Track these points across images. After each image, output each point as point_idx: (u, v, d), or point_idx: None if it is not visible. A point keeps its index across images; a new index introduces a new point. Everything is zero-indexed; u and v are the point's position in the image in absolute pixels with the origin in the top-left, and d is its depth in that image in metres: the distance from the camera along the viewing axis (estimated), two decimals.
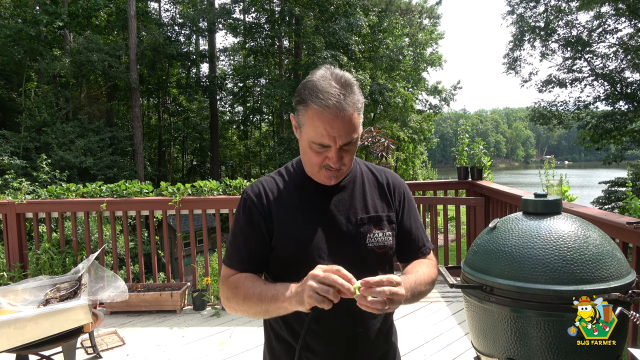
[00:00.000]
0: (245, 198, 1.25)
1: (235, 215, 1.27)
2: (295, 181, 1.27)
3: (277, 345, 1.27)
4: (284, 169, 1.32)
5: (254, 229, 1.22)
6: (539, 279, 1.22)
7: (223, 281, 1.24)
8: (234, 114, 28.58)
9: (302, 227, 1.20)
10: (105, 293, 2.86)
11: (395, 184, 1.35)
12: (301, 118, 1.15)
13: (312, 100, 1.10)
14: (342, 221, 1.22)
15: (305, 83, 1.14)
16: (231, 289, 1.19)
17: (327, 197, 1.24)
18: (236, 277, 1.21)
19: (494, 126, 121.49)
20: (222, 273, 1.26)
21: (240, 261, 1.23)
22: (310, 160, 1.18)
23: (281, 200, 1.23)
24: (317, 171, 1.19)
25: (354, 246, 1.22)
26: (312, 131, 1.12)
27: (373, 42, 22.13)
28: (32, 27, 16.12)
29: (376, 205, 1.28)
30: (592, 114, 18.17)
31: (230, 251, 1.25)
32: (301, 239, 1.19)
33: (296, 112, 1.17)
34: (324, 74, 1.14)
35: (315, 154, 1.15)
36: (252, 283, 1.16)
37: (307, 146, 1.16)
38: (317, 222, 1.21)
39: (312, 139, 1.13)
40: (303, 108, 1.13)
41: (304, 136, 1.15)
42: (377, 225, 1.25)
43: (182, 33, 24.71)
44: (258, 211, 1.22)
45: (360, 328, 1.23)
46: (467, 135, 5.52)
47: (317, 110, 1.09)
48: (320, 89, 1.10)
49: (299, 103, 1.15)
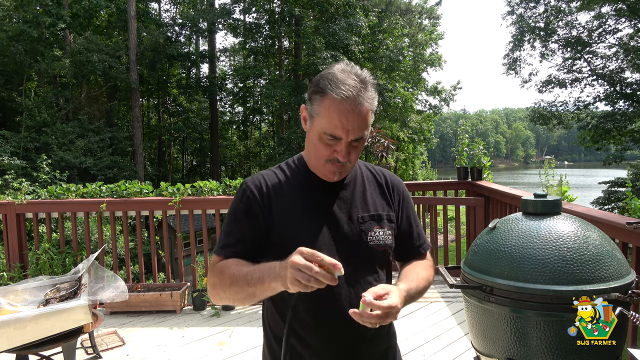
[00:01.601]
0: (245, 189, 1.22)
1: (232, 205, 1.24)
2: (297, 176, 1.25)
3: (278, 347, 1.24)
4: (284, 164, 1.30)
5: (251, 221, 1.19)
6: (538, 279, 1.22)
7: (210, 269, 1.20)
8: (234, 114, 28.59)
9: (302, 223, 1.19)
10: (105, 293, 2.86)
11: (394, 183, 1.36)
12: (316, 108, 1.14)
13: (331, 90, 1.10)
14: (343, 219, 1.22)
15: (324, 74, 1.14)
16: (217, 274, 1.15)
17: (329, 194, 1.23)
18: (222, 263, 1.17)
19: (493, 126, 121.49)
20: (212, 261, 1.22)
21: (230, 247, 1.19)
22: (317, 152, 1.17)
23: (282, 195, 1.21)
24: (322, 165, 1.18)
25: (355, 244, 1.21)
26: (327, 121, 1.12)
27: (373, 43, 22.13)
28: (34, 28, 16.14)
29: (376, 204, 1.28)
30: (592, 114, 18.17)
31: (222, 239, 1.22)
32: (301, 235, 1.17)
33: (310, 102, 1.16)
34: (345, 67, 1.15)
35: (325, 146, 1.15)
36: (237, 267, 1.13)
37: (317, 137, 1.15)
38: (318, 218, 1.20)
39: (324, 130, 1.12)
40: (320, 97, 1.12)
41: (316, 127, 1.14)
42: (377, 223, 1.25)
43: (182, 33, 24.72)
44: (257, 203, 1.19)
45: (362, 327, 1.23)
46: (466, 136, 5.52)
47: (335, 100, 1.09)
48: (341, 80, 1.10)
49: (315, 92, 1.14)
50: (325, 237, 1.19)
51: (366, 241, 1.22)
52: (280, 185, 1.23)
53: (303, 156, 1.29)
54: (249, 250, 1.19)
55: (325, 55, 18.88)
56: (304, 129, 1.22)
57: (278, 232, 1.18)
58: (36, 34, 16.09)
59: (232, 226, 1.22)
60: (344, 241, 1.20)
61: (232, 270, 1.13)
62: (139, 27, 20.35)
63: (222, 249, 1.20)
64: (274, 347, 1.26)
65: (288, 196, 1.21)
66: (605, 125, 16.45)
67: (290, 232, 1.18)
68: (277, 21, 20.79)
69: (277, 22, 20.79)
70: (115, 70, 18.59)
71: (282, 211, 1.19)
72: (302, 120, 1.22)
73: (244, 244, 1.19)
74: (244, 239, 1.19)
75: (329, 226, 1.20)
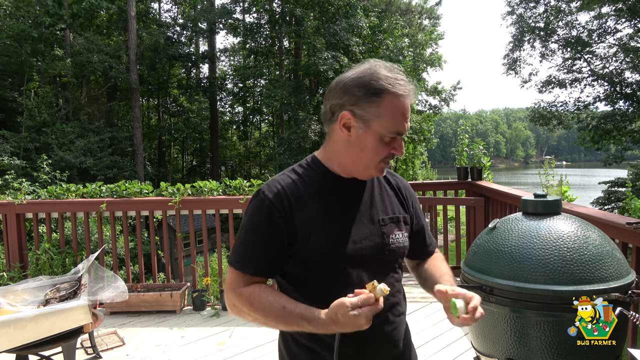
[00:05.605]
0: (263, 198, 1.15)
1: (250, 217, 1.17)
2: (314, 180, 1.20)
3: (299, 350, 1.21)
4: (298, 167, 1.24)
5: (273, 232, 1.14)
6: (538, 279, 1.22)
7: (233, 289, 1.15)
8: (234, 114, 28.59)
9: (326, 230, 1.15)
10: (105, 293, 2.86)
11: (405, 186, 1.37)
12: (373, 110, 1.10)
13: (394, 88, 1.09)
14: (365, 222, 1.20)
15: (371, 75, 1.11)
16: (245, 303, 1.12)
17: (349, 197, 1.21)
18: (250, 291, 1.13)
19: (493, 126, 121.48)
20: (230, 277, 1.18)
21: (253, 265, 1.15)
22: (372, 155, 1.14)
23: (302, 201, 1.16)
24: (374, 165, 1.16)
25: (378, 247, 1.20)
26: (390, 121, 1.10)
27: (373, 43, 22.13)
28: (35, 28, 16.13)
29: (393, 207, 1.28)
30: (592, 114, 18.16)
31: (241, 253, 1.16)
32: (326, 241, 1.14)
33: (360, 107, 1.11)
34: (384, 64, 1.14)
35: (384, 145, 1.13)
36: (268, 298, 1.11)
37: (377, 139, 1.12)
38: (341, 223, 1.18)
39: (388, 129, 1.11)
40: (378, 99, 1.10)
41: (375, 129, 1.11)
42: (396, 226, 1.25)
43: (183, 34, 24.72)
44: (278, 212, 1.13)
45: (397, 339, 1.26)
46: (466, 136, 5.52)
47: (396, 97, 1.10)
48: (397, 78, 1.11)
49: (370, 95, 1.10)
50: (350, 241, 1.16)
51: (388, 243, 1.21)
52: (299, 191, 1.17)
53: (319, 158, 1.24)
54: (271, 266, 1.17)
55: (325, 56, 18.87)
56: (344, 137, 1.15)
57: (302, 241, 1.14)
58: (36, 34, 16.10)
59: (252, 239, 1.16)
60: (367, 244, 1.18)
61: (262, 303, 1.11)
62: (140, 27, 20.35)
63: (242, 265, 1.16)
64: (294, 350, 1.22)
65: (308, 202, 1.16)
66: (605, 125, 16.45)
67: (314, 240, 1.14)
68: (277, 21, 20.79)
69: (277, 22, 20.79)
70: (115, 71, 18.59)
71: (305, 219, 1.15)
72: (341, 128, 1.14)
73: (266, 261, 1.16)
74: (266, 256, 1.15)
75: (352, 230, 1.17)
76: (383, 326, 1.20)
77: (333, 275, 1.15)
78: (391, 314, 1.23)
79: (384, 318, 1.20)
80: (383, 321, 1.20)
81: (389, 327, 1.22)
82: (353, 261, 1.16)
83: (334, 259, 1.15)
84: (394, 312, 1.24)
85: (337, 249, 1.15)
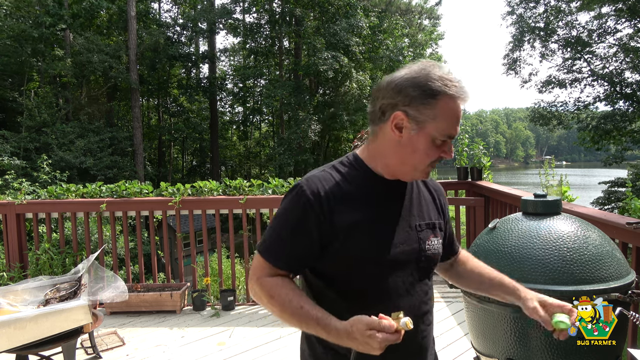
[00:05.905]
0: (300, 194, 1.11)
1: (284, 210, 1.14)
2: (355, 180, 1.16)
3: (323, 352, 1.19)
4: (339, 164, 1.20)
5: (305, 232, 1.11)
6: (538, 279, 1.22)
7: (257, 276, 1.14)
8: (234, 114, 28.60)
9: (365, 234, 1.12)
10: (105, 293, 2.86)
11: (441, 190, 1.34)
12: (428, 112, 1.07)
13: (450, 90, 1.06)
14: (404, 226, 1.17)
15: (427, 76, 1.08)
16: (265, 294, 1.12)
17: (390, 201, 1.18)
18: (272, 283, 1.12)
19: (493, 126, 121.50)
20: (256, 263, 1.16)
21: (280, 259, 1.13)
22: (425, 156, 1.11)
23: (343, 202, 1.12)
24: (422, 168, 1.14)
25: (415, 252, 1.18)
26: (445, 123, 1.08)
27: (373, 43, 22.14)
28: (35, 28, 16.13)
29: (430, 212, 1.25)
30: (592, 114, 18.17)
31: (270, 244, 1.15)
32: (368, 244, 1.12)
33: (414, 108, 1.07)
34: (438, 65, 1.11)
35: (435, 148, 1.10)
36: (288, 294, 1.10)
37: (429, 141, 1.09)
38: (380, 227, 1.15)
39: (441, 131, 1.08)
40: (433, 101, 1.06)
41: (428, 131, 1.08)
42: (432, 232, 1.22)
43: (183, 34, 24.74)
44: (314, 213, 1.10)
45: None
46: (466, 136, 5.53)
47: (452, 99, 1.07)
48: (451, 79, 1.08)
49: (426, 96, 1.07)
50: (389, 246, 1.14)
51: (425, 249, 1.19)
52: (340, 191, 1.13)
53: (361, 157, 1.20)
54: (298, 265, 1.16)
55: (325, 56, 18.88)
56: (394, 138, 1.12)
57: (341, 243, 1.11)
58: (37, 34, 16.10)
59: (283, 233, 1.14)
60: (406, 249, 1.16)
61: (283, 298, 1.10)
62: (140, 27, 20.36)
63: (269, 256, 1.14)
64: (319, 351, 1.20)
65: (349, 203, 1.13)
66: (605, 125, 16.45)
67: (354, 243, 1.11)
68: (277, 21, 20.80)
69: (277, 22, 20.80)
70: (115, 71, 18.60)
71: (345, 220, 1.11)
72: (392, 129, 1.10)
73: (293, 258, 1.14)
74: (294, 253, 1.13)
75: (391, 234, 1.15)
76: (413, 335, 1.15)
77: (368, 278, 1.13)
78: (422, 322, 1.20)
79: (414, 326, 1.18)
80: (413, 330, 1.17)
81: (419, 335, 1.19)
82: (390, 266, 1.14)
83: (371, 263, 1.13)
84: (424, 321, 1.21)
85: (375, 253, 1.12)
